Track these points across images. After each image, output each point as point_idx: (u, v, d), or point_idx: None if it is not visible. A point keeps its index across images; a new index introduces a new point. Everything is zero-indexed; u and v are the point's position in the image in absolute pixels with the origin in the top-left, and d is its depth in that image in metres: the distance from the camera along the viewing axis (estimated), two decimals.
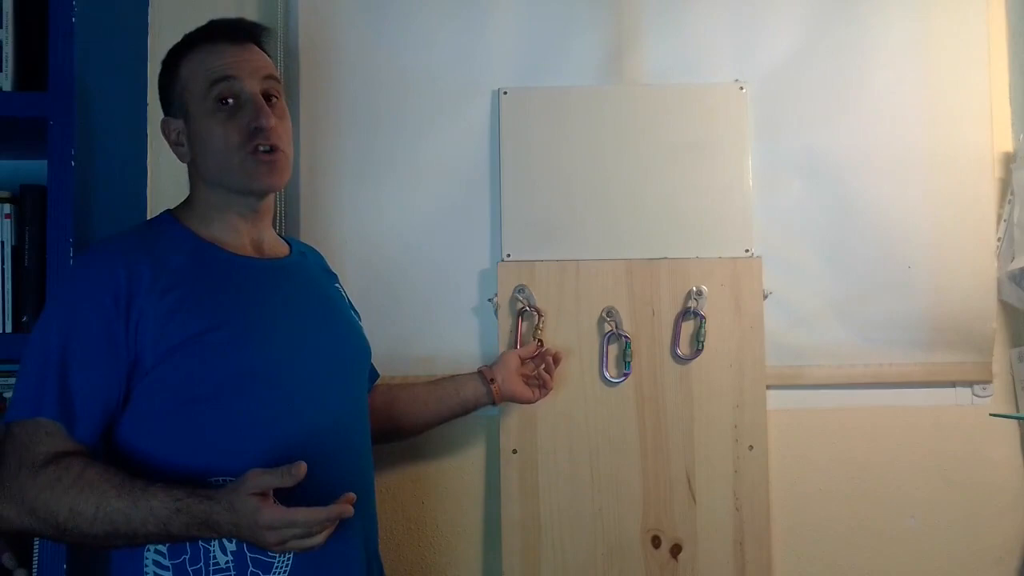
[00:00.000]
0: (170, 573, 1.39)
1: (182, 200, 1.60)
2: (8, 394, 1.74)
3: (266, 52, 1.57)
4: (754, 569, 2.04)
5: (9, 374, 1.77)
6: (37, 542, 1.69)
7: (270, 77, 1.53)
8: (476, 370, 1.92)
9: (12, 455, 1.36)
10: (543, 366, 1.94)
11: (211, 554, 1.38)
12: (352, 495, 1.32)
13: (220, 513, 1.29)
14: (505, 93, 2.14)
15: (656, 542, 2.05)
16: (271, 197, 1.59)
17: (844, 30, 2.15)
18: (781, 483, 2.10)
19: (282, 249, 1.63)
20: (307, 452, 1.36)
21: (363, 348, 1.68)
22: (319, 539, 1.29)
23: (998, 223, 2.14)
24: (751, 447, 2.06)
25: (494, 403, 1.91)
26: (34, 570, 1.69)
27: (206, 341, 1.41)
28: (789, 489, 2.11)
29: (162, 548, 1.39)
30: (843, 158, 2.14)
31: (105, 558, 1.50)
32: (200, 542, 1.38)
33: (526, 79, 2.15)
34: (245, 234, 1.55)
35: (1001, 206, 2.15)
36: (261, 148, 1.48)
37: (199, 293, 1.44)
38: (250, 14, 2.00)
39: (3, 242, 1.81)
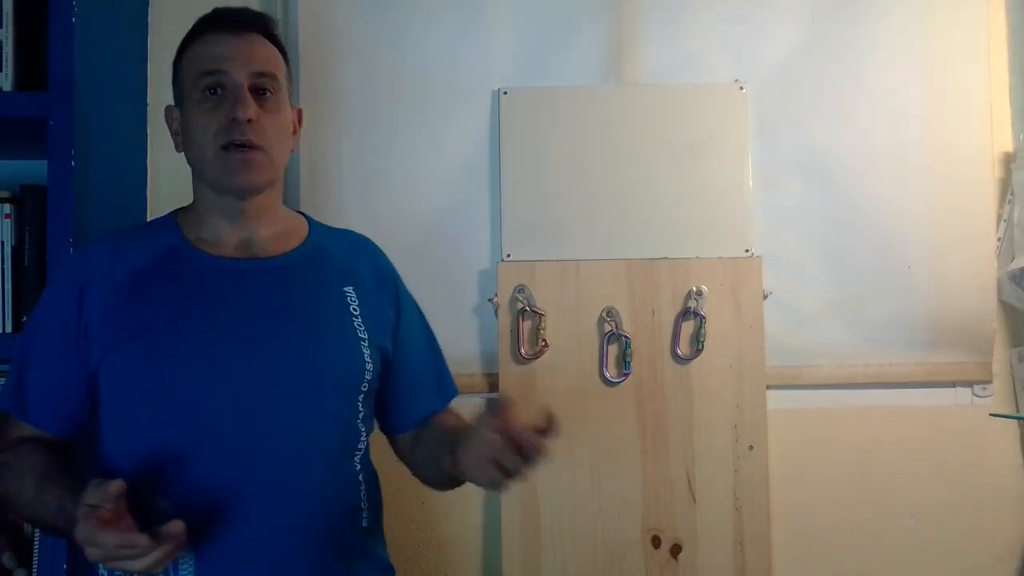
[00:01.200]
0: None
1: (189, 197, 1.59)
2: None
3: (275, 42, 1.50)
4: (754, 569, 2.04)
5: None
6: (37, 542, 1.69)
7: (263, 73, 1.45)
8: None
9: None
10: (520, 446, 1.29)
11: None
12: (176, 525, 1.19)
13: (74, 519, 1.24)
14: (505, 93, 2.14)
15: (656, 542, 2.05)
16: (266, 196, 1.48)
17: (844, 30, 2.16)
18: (781, 483, 2.10)
19: (287, 245, 1.51)
20: (181, 480, 1.34)
21: (338, 365, 1.45)
22: (141, 564, 1.19)
23: (998, 223, 2.14)
24: (751, 447, 2.06)
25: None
26: (34, 570, 1.69)
27: (126, 350, 1.39)
28: (789, 489, 2.11)
29: None
30: (843, 158, 2.14)
31: None
32: None
33: (526, 79, 2.15)
34: (231, 234, 1.47)
35: (1001, 206, 2.15)
36: (236, 143, 1.41)
37: (143, 297, 1.41)
38: None
39: (3, 242, 1.81)
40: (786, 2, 2.17)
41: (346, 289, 1.51)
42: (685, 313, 2.08)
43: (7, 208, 1.82)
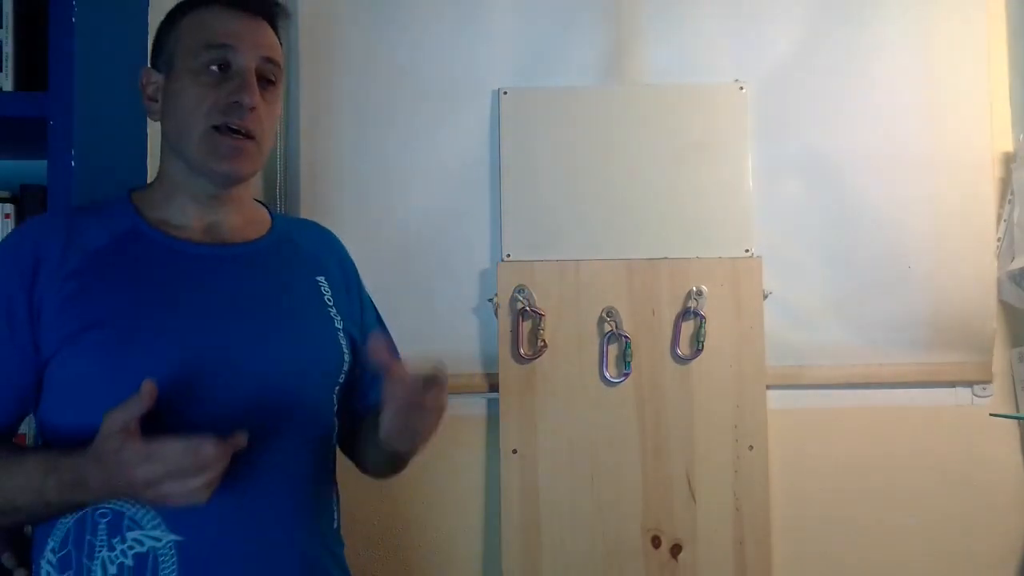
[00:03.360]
0: None
1: None
2: None
3: (278, 36, 1.44)
4: (754, 569, 2.04)
5: None
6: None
7: (271, 60, 1.39)
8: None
9: None
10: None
11: (93, 574, 1.29)
12: (240, 437, 1.16)
13: (88, 466, 1.18)
14: (505, 93, 2.14)
15: (656, 542, 2.05)
16: (244, 185, 1.42)
17: (844, 30, 2.16)
18: (781, 483, 2.10)
19: (253, 232, 1.44)
20: None
21: (320, 355, 1.40)
22: (196, 483, 1.14)
23: (998, 223, 2.14)
24: (751, 447, 2.06)
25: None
26: (34, 570, 1.69)
27: (85, 340, 1.28)
28: (789, 489, 2.11)
29: (52, 560, 1.32)
30: (843, 158, 2.14)
31: None
32: (84, 562, 1.28)
33: (526, 79, 2.15)
34: (197, 217, 1.40)
35: (1001, 206, 2.15)
36: (232, 127, 1.34)
37: (101, 283, 1.31)
38: None
39: None
40: (786, 2, 2.17)
41: (318, 279, 1.46)
42: (685, 313, 2.08)
43: (7, 208, 1.81)
